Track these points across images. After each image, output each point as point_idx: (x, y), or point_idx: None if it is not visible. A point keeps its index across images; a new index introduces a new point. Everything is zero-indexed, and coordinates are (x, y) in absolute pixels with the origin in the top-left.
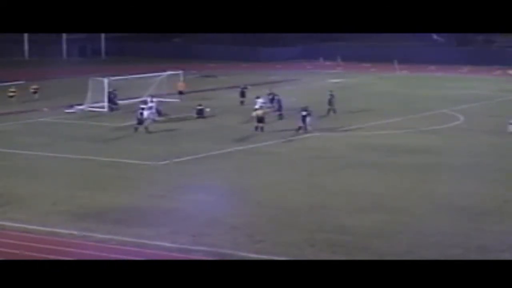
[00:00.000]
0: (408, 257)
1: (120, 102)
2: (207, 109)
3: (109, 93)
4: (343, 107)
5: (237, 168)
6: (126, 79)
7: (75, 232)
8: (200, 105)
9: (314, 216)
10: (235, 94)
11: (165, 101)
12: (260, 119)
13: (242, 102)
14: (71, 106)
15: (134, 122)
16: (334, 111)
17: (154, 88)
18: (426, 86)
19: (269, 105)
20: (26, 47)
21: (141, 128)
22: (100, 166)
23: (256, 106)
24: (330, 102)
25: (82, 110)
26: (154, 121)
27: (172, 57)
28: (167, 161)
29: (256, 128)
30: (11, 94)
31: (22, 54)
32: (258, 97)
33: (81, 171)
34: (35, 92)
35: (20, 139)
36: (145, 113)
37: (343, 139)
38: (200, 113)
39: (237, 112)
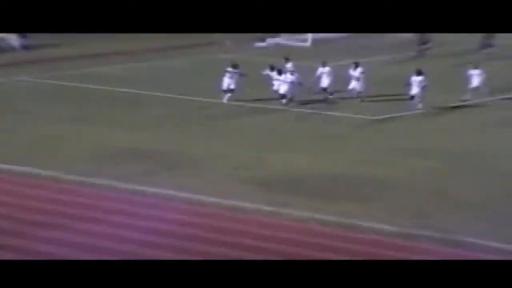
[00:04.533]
0: None
1: None
2: None
3: None
4: None
5: (469, 128)
6: None
7: (264, 207)
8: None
9: None
10: None
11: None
12: None
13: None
14: (263, 39)
15: None
16: None
17: None
18: None
19: None
20: None
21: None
22: (296, 119)
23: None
24: None
25: (276, 44)
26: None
27: None
28: (379, 117)
29: None
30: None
31: None
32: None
33: (272, 126)
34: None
35: (192, 80)
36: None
37: None
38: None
39: None
